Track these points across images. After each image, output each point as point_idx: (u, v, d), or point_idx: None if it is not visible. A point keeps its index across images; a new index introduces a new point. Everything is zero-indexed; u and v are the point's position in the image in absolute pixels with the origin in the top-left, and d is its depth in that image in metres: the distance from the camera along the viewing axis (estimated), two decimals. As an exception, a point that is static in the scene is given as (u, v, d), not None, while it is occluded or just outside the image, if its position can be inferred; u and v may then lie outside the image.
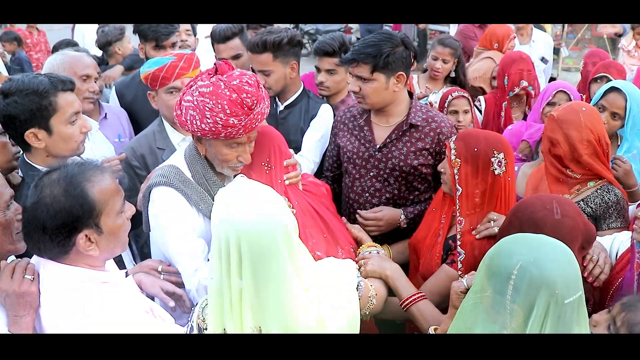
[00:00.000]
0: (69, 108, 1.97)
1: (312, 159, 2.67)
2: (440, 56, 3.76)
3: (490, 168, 1.94)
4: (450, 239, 2.05)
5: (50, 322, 1.46)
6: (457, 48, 3.80)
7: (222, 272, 1.38)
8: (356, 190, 2.47)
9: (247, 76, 1.87)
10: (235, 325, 1.38)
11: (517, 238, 1.39)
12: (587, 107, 2.26)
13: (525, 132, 3.20)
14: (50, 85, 1.92)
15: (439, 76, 3.80)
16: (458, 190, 1.97)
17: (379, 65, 2.24)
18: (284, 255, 1.38)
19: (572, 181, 2.25)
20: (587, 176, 2.24)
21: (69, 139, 1.99)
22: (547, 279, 1.25)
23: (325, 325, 1.44)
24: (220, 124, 1.79)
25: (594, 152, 2.20)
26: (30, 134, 1.93)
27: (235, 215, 1.37)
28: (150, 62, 2.43)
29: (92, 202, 1.43)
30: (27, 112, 1.90)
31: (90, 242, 1.45)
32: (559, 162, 2.25)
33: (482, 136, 2.00)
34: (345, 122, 2.53)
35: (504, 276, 1.30)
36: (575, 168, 2.23)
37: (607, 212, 2.21)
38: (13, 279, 1.47)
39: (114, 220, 1.49)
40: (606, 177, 2.23)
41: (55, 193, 1.40)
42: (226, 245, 1.36)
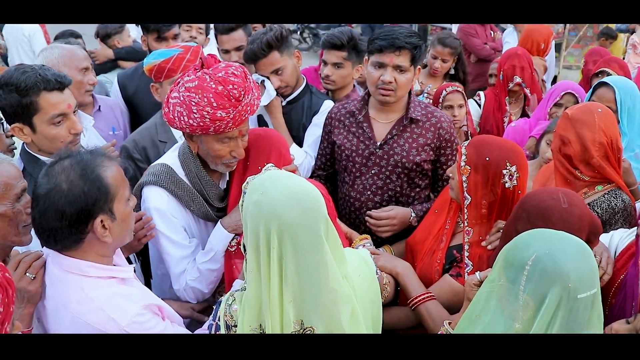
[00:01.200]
0: (51, 109, 1.92)
1: (314, 154, 2.65)
2: (440, 55, 3.77)
3: (500, 180, 1.86)
4: (455, 248, 1.98)
5: (56, 314, 1.47)
6: (457, 47, 3.80)
7: (262, 266, 1.33)
8: (357, 189, 2.41)
9: (234, 67, 1.83)
10: (275, 320, 1.33)
11: (535, 232, 1.38)
12: (602, 109, 2.23)
13: (528, 129, 3.22)
14: (34, 84, 1.88)
15: (438, 74, 3.82)
16: (467, 199, 1.90)
17: (416, 57, 2.22)
18: (326, 247, 1.33)
19: (579, 183, 2.21)
20: (596, 179, 2.20)
21: (54, 139, 1.96)
22: (560, 271, 1.24)
23: (358, 316, 1.42)
24: (208, 118, 1.75)
25: (605, 155, 2.17)
26: (16, 128, 1.93)
27: (277, 209, 1.30)
28: (156, 54, 2.41)
29: (107, 186, 1.44)
30: (9, 107, 1.90)
31: (104, 229, 1.46)
32: (569, 162, 2.21)
33: (495, 145, 1.91)
34: (341, 119, 2.46)
35: (518, 266, 1.29)
36: (584, 169, 2.19)
37: (614, 218, 2.16)
38: (15, 273, 1.47)
39: (124, 206, 1.51)
40: (616, 181, 2.19)
41: (71, 178, 1.40)
42: (266, 240, 1.30)
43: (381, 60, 2.22)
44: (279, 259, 1.31)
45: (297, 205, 1.31)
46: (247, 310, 1.38)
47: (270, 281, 1.32)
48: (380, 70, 2.23)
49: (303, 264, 1.31)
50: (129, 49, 4.14)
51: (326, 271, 1.33)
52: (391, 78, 2.21)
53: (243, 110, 1.80)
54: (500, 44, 5.32)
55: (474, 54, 5.07)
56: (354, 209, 2.43)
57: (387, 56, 2.20)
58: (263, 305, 1.34)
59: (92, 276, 1.47)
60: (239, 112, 1.78)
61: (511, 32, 5.51)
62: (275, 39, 2.55)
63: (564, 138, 2.20)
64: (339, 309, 1.35)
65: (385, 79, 2.21)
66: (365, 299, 1.49)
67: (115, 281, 1.52)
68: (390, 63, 2.20)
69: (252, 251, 1.35)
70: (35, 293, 1.50)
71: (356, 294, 1.44)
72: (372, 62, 2.26)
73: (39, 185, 1.42)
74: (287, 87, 2.65)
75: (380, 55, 2.21)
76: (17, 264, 1.50)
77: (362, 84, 3.44)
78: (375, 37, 2.25)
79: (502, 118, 3.63)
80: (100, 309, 1.41)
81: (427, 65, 3.90)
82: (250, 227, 1.35)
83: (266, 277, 1.32)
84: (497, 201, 1.88)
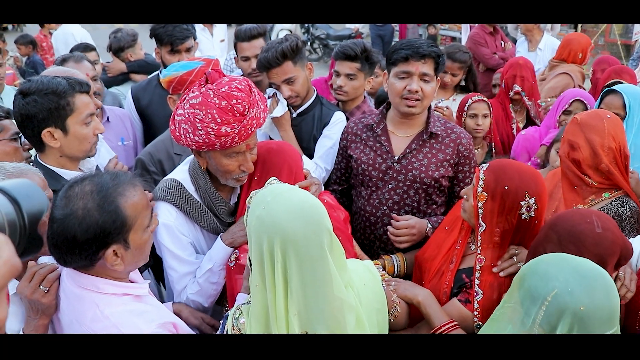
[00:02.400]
0: (84, 109, 2.02)
1: (324, 166, 2.64)
2: (449, 70, 3.78)
3: (517, 211, 1.77)
4: (464, 272, 1.90)
5: (70, 329, 1.48)
6: (467, 60, 3.80)
7: (267, 280, 1.33)
8: (373, 204, 2.37)
9: (237, 81, 1.81)
10: (281, 332, 1.34)
11: (559, 260, 1.33)
12: (611, 115, 2.23)
13: (538, 137, 3.22)
14: (69, 86, 1.98)
15: (448, 86, 3.83)
16: (481, 226, 1.82)
17: (439, 66, 2.22)
18: (329, 259, 1.33)
19: (587, 190, 2.21)
20: (604, 185, 2.20)
21: (84, 140, 2.04)
22: (580, 312, 1.21)
23: (363, 324, 1.42)
24: (213, 134, 1.73)
25: (613, 161, 2.16)
26: (47, 132, 1.98)
27: (280, 223, 1.31)
28: (177, 66, 2.42)
29: (124, 218, 1.41)
30: (45, 111, 1.95)
31: (116, 257, 1.44)
32: (577, 168, 2.20)
33: (516, 173, 1.79)
34: (358, 133, 2.44)
35: (537, 298, 1.27)
36: (593, 175, 2.18)
37: (621, 225, 2.13)
38: (29, 285, 1.49)
39: (141, 235, 1.48)
40: (624, 187, 2.19)
41: (89, 207, 1.38)
42: (270, 254, 1.31)
43: (407, 69, 2.20)
44: (284, 273, 1.31)
45: (299, 218, 1.31)
46: (254, 324, 1.39)
47: (276, 295, 1.33)
48: (405, 81, 2.21)
49: (308, 276, 1.31)
50: (141, 62, 4.22)
51: (330, 281, 1.33)
52: (418, 87, 2.19)
53: (249, 125, 1.77)
54: (511, 54, 5.30)
55: (482, 63, 5.07)
56: (369, 224, 2.40)
57: (412, 65, 2.19)
58: (270, 318, 1.35)
59: (107, 293, 1.47)
60: (244, 126, 1.76)
61: (523, 42, 5.51)
62: (290, 49, 2.56)
63: (573, 143, 2.19)
64: (345, 317, 1.35)
65: (412, 88, 2.19)
66: (370, 307, 1.49)
67: (130, 298, 1.51)
68: (417, 72, 2.19)
69: (257, 265, 1.36)
70: (49, 305, 1.50)
71: (361, 302, 1.44)
72: (395, 72, 2.24)
73: (56, 206, 1.41)
74: (297, 98, 2.66)
75: (406, 65, 2.20)
76: (31, 276, 1.51)
77: (372, 95, 3.46)
78: (398, 47, 2.24)
79: (510, 126, 3.64)
80: (115, 327, 1.40)
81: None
82: (254, 241, 1.36)
83: (272, 290, 1.33)
84: (511, 230, 1.81)
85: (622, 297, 1.75)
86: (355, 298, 1.42)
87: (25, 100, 1.95)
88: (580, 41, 4.16)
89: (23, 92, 1.97)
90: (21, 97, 1.96)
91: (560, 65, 4.16)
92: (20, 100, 1.96)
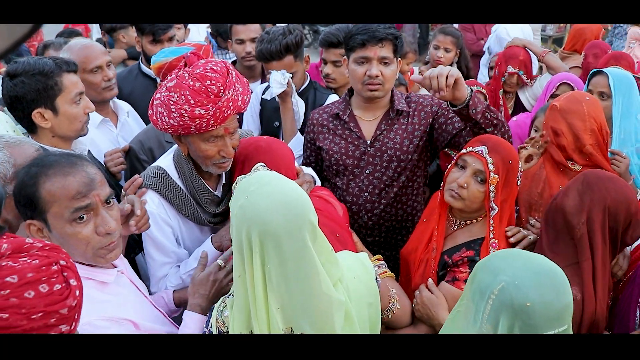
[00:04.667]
0: (73, 88, 2.03)
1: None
2: (442, 45, 3.74)
3: (515, 179, 1.85)
4: (445, 253, 1.90)
5: None
6: (459, 37, 3.79)
7: (247, 271, 1.29)
8: (352, 192, 2.32)
9: (213, 63, 1.76)
10: (263, 327, 1.30)
11: (509, 254, 1.29)
12: (589, 97, 2.27)
13: (529, 123, 3.18)
14: (55, 66, 1.99)
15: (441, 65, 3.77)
16: (493, 209, 1.82)
17: (398, 47, 2.19)
18: (313, 254, 1.28)
19: (571, 173, 2.23)
20: (588, 167, 2.21)
21: (74, 119, 2.05)
22: (526, 307, 1.16)
23: (352, 320, 1.38)
24: (187, 116, 1.69)
25: (596, 142, 2.20)
26: (37, 113, 1.98)
27: (260, 214, 1.25)
28: (166, 52, 2.36)
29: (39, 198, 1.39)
30: (33, 92, 1.95)
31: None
32: (563, 152, 2.23)
33: (507, 146, 1.87)
34: (324, 124, 2.37)
35: (485, 294, 1.23)
36: (578, 158, 2.22)
37: None
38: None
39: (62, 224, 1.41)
40: (604, 167, 2.21)
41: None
42: (248, 245, 1.27)
43: (365, 55, 2.16)
44: (262, 265, 1.27)
45: (280, 211, 1.25)
46: (237, 316, 1.36)
47: (255, 287, 1.29)
48: (365, 66, 2.18)
49: (291, 271, 1.26)
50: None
51: (317, 277, 1.29)
52: (378, 72, 2.16)
53: (224, 107, 1.72)
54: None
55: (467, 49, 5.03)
56: (351, 214, 2.32)
57: (370, 50, 2.15)
58: (251, 311, 1.31)
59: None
60: (219, 108, 1.71)
61: None
62: (294, 43, 2.53)
63: (556, 129, 2.21)
64: (333, 315, 1.31)
65: (372, 73, 2.16)
66: (361, 301, 1.44)
67: (92, 283, 1.45)
68: (375, 56, 2.15)
69: (238, 255, 1.32)
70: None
71: (351, 296, 1.40)
72: (354, 58, 2.20)
73: None
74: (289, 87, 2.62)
75: (364, 50, 2.16)
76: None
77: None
78: (354, 33, 2.19)
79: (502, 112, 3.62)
80: None
81: (429, 61, 3.86)
82: (235, 231, 1.32)
83: (250, 282, 1.29)
84: (508, 200, 1.85)
85: (613, 275, 1.82)
86: (345, 292, 1.38)
87: (13, 82, 1.96)
88: (592, 29, 4.10)
89: (10, 73, 1.97)
90: (9, 79, 1.97)
91: (571, 57, 4.08)
92: (7, 82, 1.97)
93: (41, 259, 1.06)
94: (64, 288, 1.06)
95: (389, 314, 1.62)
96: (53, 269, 1.06)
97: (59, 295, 1.05)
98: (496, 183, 1.79)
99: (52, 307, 1.03)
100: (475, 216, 1.91)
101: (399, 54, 2.21)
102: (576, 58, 4.00)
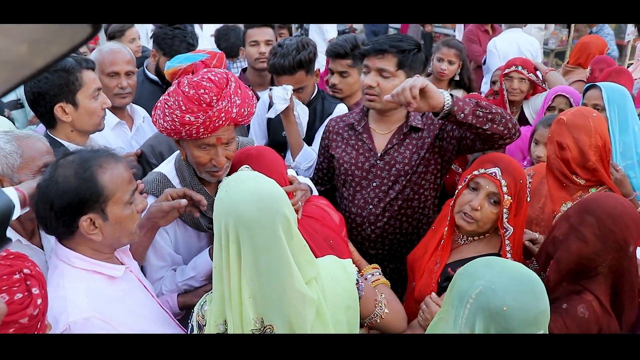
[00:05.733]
0: (92, 84, 2.15)
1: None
2: (446, 57, 3.76)
3: (525, 197, 1.85)
4: (450, 265, 1.90)
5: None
6: (462, 50, 3.81)
7: (223, 262, 1.37)
8: (358, 204, 2.31)
9: (213, 73, 1.79)
10: (235, 315, 1.36)
11: (486, 261, 1.32)
12: (596, 113, 2.28)
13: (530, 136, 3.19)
14: (76, 63, 2.11)
15: (444, 77, 3.80)
16: (508, 230, 1.82)
17: (405, 62, 2.15)
18: (285, 247, 1.35)
19: (574, 187, 2.24)
20: (591, 182, 2.24)
21: (93, 113, 2.17)
22: (502, 311, 1.18)
23: (325, 318, 1.42)
24: (177, 121, 1.73)
25: (599, 158, 2.21)
26: (59, 107, 2.10)
27: (235, 206, 1.35)
28: (181, 58, 2.40)
29: (101, 187, 1.46)
30: (56, 87, 2.07)
31: (94, 227, 1.48)
32: (567, 167, 2.23)
33: (517, 165, 1.88)
34: (339, 132, 2.38)
35: (463, 298, 1.25)
36: (581, 173, 2.23)
37: None
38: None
39: (121, 209, 1.52)
40: (607, 183, 2.23)
41: (67, 174, 1.45)
42: (225, 235, 1.35)
43: (366, 64, 2.18)
44: (237, 254, 1.34)
45: (255, 203, 1.35)
46: (214, 306, 1.42)
47: (230, 276, 1.35)
48: (366, 76, 2.19)
49: (262, 263, 1.33)
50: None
51: (290, 272, 1.35)
52: (373, 82, 2.15)
53: (215, 117, 1.73)
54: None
55: (472, 61, 5.05)
56: (355, 225, 2.33)
57: (370, 60, 2.16)
58: (225, 299, 1.38)
59: (77, 267, 1.50)
60: (209, 117, 1.72)
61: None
62: (307, 60, 2.55)
63: (562, 143, 2.21)
64: (304, 310, 1.37)
65: (365, 83, 2.17)
66: (338, 302, 1.48)
67: (102, 277, 1.53)
68: (373, 67, 2.16)
69: (217, 247, 1.39)
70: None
71: (326, 297, 1.44)
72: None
73: (44, 176, 1.49)
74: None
75: (367, 60, 2.18)
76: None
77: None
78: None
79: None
80: (63, 299, 1.42)
81: (432, 73, 3.88)
82: (215, 224, 1.39)
83: (226, 272, 1.36)
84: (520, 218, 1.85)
85: None
86: (318, 292, 1.43)
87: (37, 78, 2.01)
88: (597, 44, 4.09)
89: None
90: None
91: (575, 70, 4.08)
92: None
93: (3, 267, 1.09)
94: (25, 297, 1.10)
95: (376, 318, 1.63)
96: (15, 277, 1.10)
97: (19, 304, 1.09)
98: (509, 205, 1.79)
99: (11, 317, 1.06)
100: (483, 233, 1.92)
101: (407, 68, 2.17)
102: (580, 72, 4.01)
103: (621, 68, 3.76)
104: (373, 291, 1.66)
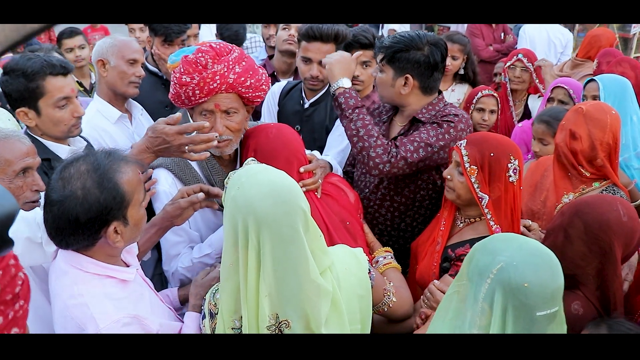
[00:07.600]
0: (57, 93, 2.00)
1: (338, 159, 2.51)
2: (450, 52, 3.71)
3: (506, 174, 1.86)
4: (450, 247, 1.95)
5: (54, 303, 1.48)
6: (466, 44, 3.78)
7: (241, 261, 1.35)
8: (359, 186, 2.36)
9: (217, 42, 1.88)
10: (252, 313, 1.35)
11: (505, 237, 1.36)
12: (614, 111, 2.25)
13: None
14: (40, 68, 1.97)
15: (448, 72, 3.76)
16: (483, 198, 1.86)
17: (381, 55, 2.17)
18: (304, 240, 1.34)
19: (579, 179, 2.23)
20: (595, 176, 2.23)
21: (58, 122, 2.03)
22: (522, 287, 1.21)
23: (340, 309, 1.42)
24: (177, 83, 1.82)
25: (608, 155, 2.19)
26: (21, 112, 2.01)
27: (252, 202, 1.32)
28: (185, 51, 2.38)
29: (123, 193, 1.42)
30: (16, 92, 1.98)
31: (116, 234, 1.44)
32: (574, 157, 2.21)
33: (494, 141, 1.91)
34: (374, 114, 2.41)
35: (483, 272, 1.28)
36: (587, 166, 2.21)
37: None
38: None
39: (138, 210, 1.49)
40: (613, 179, 2.21)
41: (88, 186, 1.37)
42: (244, 232, 1.32)
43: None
44: (257, 254, 1.33)
45: (271, 198, 1.33)
46: (225, 299, 1.41)
47: (248, 274, 1.34)
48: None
49: (280, 257, 1.32)
50: None
51: (306, 264, 1.34)
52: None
53: (209, 79, 1.78)
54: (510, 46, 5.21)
55: (475, 55, 5.00)
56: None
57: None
58: (241, 298, 1.36)
59: (90, 272, 1.46)
60: (203, 78, 1.78)
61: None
62: (344, 35, 2.57)
63: (575, 133, 2.19)
64: (320, 301, 1.36)
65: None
66: (351, 292, 1.49)
67: (113, 282, 1.49)
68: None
69: (230, 246, 1.37)
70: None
71: (340, 286, 1.44)
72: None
73: (52, 188, 1.39)
74: (321, 82, 2.64)
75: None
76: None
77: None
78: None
79: (511, 117, 3.60)
80: (85, 306, 1.39)
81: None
82: (228, 221, 1.38)
83: (244, 269, 1.34)
84: (501, 197, 1.86)
85: None
86: (334, 282, 1.43)
87: (3, 78, 2.00)
88: (608, 37, 4.06)
89: (4, 69, 2.01)
90: (2, 74, 2.01)
91: (585, 64, 4.04)
92: (1, 77, 2.01)
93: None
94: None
95: (384, 306, 1.66)
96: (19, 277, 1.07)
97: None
98: (476, 174, 1.85)
99: None
100: (477, 214, 1.94)
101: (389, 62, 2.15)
102: (589, 65, 3.96)
103: (623, 58, 3.70)
104: (382, 280, 1.69)
